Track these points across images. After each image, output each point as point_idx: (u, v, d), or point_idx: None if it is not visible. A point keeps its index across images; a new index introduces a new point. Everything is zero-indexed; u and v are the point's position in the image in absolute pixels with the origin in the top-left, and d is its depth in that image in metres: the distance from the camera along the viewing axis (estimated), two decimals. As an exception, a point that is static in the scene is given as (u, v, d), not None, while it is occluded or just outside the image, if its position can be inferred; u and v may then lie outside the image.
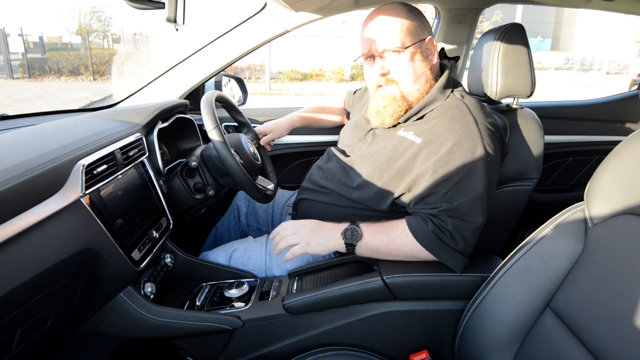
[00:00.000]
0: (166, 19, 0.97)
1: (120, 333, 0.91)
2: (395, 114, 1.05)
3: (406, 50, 1.01)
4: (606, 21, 20.43)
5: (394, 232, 0.95)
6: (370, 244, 0.96)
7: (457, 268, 0.93)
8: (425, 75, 1.05)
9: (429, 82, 1.05)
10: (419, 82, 1.04)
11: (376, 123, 1.09)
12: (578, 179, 1.86)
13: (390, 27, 1.01)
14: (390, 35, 1.01)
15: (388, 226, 0.97)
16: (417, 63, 1.03)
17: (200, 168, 1.10)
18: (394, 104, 1.04)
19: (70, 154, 0.71)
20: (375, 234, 0.96)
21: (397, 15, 1.02)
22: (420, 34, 1.03)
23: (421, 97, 1.05)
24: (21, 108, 8.65)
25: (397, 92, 1.04)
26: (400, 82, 1.04)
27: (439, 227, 0.92)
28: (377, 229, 0.97)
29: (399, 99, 1.04)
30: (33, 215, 0.59)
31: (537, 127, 1.13)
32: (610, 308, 0.65)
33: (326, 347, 0.95)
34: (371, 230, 0.96)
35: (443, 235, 0.92)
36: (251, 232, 1.40)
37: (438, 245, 0.92)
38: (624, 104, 1.84)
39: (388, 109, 1.04)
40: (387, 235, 0.95)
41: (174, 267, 1.09)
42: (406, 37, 1.01)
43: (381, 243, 0.95)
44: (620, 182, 0.70)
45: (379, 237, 0.96)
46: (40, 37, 16.26)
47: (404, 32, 1.01)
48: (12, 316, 0.57)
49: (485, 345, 0.82)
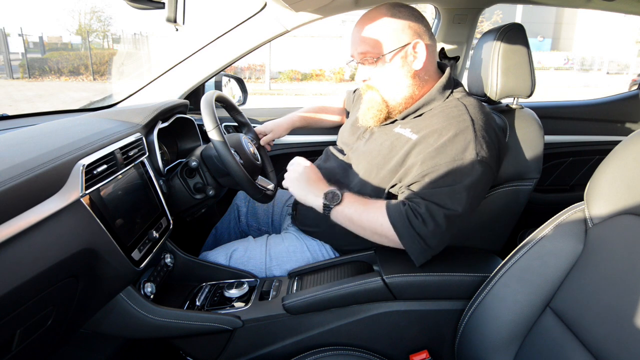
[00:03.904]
0: (166, 19, 0.97)
1: (120, 333, 0.92)
2: (376, 117, 1.06)
3: (383, 58, 1.01)
4: (606, 21, 20.43)
5: (371, 205, 0.96)
6: (346, 211, 0.96)
7: (417, 258, 0.91)
8: (407, 81, 1.03)
9: (412, 87, 1.04)
10: (398, 88, 1.04)
11: (362, 123, 1.11)
12: (578, 179, 1.86)
13: (371, 34, 1.01)
14: (369, 43, 1.01)
15: (369, 201, 0.98)
16: (396, 69, 1.02)
17: (200, 168, 1.10)
18: (374, 108, 1.06)
19: (70, 154, 0.71)
20: (353, 203, 0.97)
21: (380, 21, 1.01)
22: (403, 39, 1.00)
23: (404, 102, 1.05)
24: (21, 108, 8.65)
25: (378, 97, 1.06)
26: (379, 89, 1.05)
27: (413, 210, 0.91)
28: (358, 199, 0.98)
29: (380, 104, 1.06)
30: (33, 215, 0.59)
31: (537, 127, 1.13)
32: (610, 308, 0.65)
33: (326, 347, 0.95)
34: (351, 199, 0.97)
35: (415, 219, 0.90)
36: (251, 232, 1.40)
37: (405, 227, 0.90)
38: (624, 104, 1.84)
39: (370, 112, 1.07)
40: (364, 206, 0.96)
41: (174, 267, 1.09)
42: (386, 44, 1.00)
43: (355, 212, 0.96)
44: (620, 182, 0.70)
45: (355, 206, 0.96)
46: (40, 37, 16.28)
47: (385, 39, 1.00)
48: (12, 316, 0.57)
49: (485, 345, 0.82)
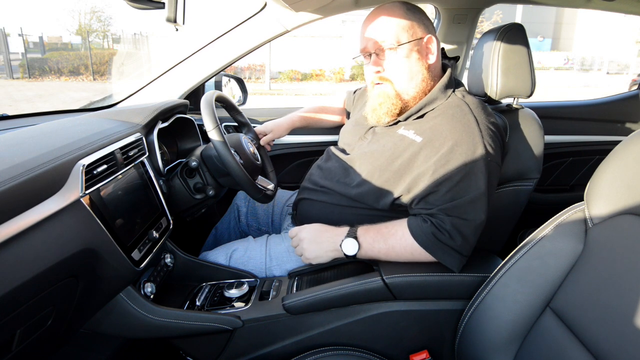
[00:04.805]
0: (166, 19, 0.97)
1: (120, 333, 0.91)
2: (390, 112, 1.05)
3: (400, 48, 1.01)
4: (606, 21, 20.42)
5: (392, 238, 0.96)
6: (369, 254, 0.98)
7: (455, 268, 0.93)
8: (421, 74, 1.04)
9: (425, 82, 1.05)
10: (414, 80, 1.04)
11: (373, 121, 1.09)
12: (578, 179, 1.86)
13: (386, 25, 1.02)
14: (385, 33, 1.01)
15: (387, 233, 0.97)
16: (412, 61, 1.03)
17: (200, 168, 1.10)
18: (388, 102, 1.05)
19: (70, 154, 0.71)
20: (373, 243, 0.97)
21: (394, 13, 1.02)
22: (417, 33, 1.03)
23: (418, 96, 1.05)
24: (21, 108, 8.65)
25: (391, 90, 1.05)
26: (394, 81, 1.04)
27: (438, 227, 0.92)
28: (375, 237, 0.97)
29: (393, 97, 1.04)
30: (33, 215, 0.59)
31: (537, 127, 1.13)
32: (610, 308, 0.65)
33: (326, 347, 0.95)
34: (369, 239, 0.97)
35: (441, 234, 0.92)
36: (251, 232, 1.40)
37: (436, 245, 0.92)
38: (624, 104, 1.84)
39: (383, 107, 1.05)
40: (385, 243, 0.97)
41: (174, 267, 1.09)
42: (402, 35, 1.01)
43: (380, 252, 0.97)
44: (620, 182, 0.70)
45: (377, 246, 0.97)
46: (40, 37, 16.28)
47: (400, 30, 1.01)
48: (12, 316, 0.57)
49: (485, 345, 0.82)
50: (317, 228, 1.04)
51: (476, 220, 0.92)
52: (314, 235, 1.02)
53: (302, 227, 1.05)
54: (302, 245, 1.02)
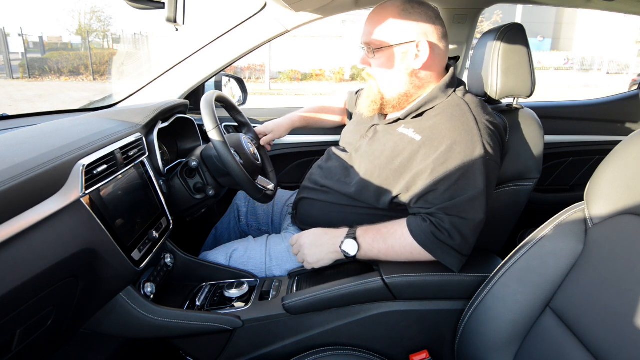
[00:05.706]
0: (166, 19, 0.97)
1: (120, 333, 0.92)
2: (370, 107, 1.09)
3: (386, 49, 1.01)
4: (606, 21, 20.42)
5: (391, 238, 0.96)
6: (369, 254, 0.99)
7: (454, 267, 0.93)
8: (403, 78, 1.03)
9: (406, 85, 1.04)
10: (393, 82, 1.04)
11: (360, 110, 1.13)
12: (578, 179, 1.86)
13: (378, 25, 1.02)
14: (376, 32, 1.02)
15: (386, 232, 0.98)
16: (395, 64, 1.02)
17: (200, 168, 1.10)
18: (370, 98, 1.08)
19: (70, 154, 0.71)
20: (372, 243, 0.98)
21: (389, 14, 1.01)
22: (409, 35, 1.00)
23: (399, 98, 1.06)
24: (21, 108, 8.66)
25: (375, 87, 1.07)
26: (377, 79, 1.06)
27: (437, 226, 0.92)
28: (375, 237, 0.98)
29: (376, 94, 1.07)
30: (33, 215, 0.59)
31: (537, 127, 1.13)
32: (610, 308, 0.65)
33: (326, 347, 0.95)
34: (368, 240, 0.98)
35: (441, 234, 0.92)
36: (251, 232, 1.40)
37: (435, 244, 0.92)
38: (624, 104, 1.84)
39: (367, 100, 1.09)
40: (384, 242, 0.97)
41: (174, 267, 1.09)
42: (391, 37, 1.01)
43: (380, 252, 0.98)
44: (620, 182, 0.70)
45: (377, 246, 0.98)
46: (40, 37, 16.28)
47: (389, 32, 1.01)
48: (12, 316, 0.57)
49: (485, 345, 0.82)
50: (316, 232, 1.05)
51: (475, 220, 0.92)
52: (314, 239, 1.03)
53: (301, 233, 1.06)
54: (303, 251, 1.03)
